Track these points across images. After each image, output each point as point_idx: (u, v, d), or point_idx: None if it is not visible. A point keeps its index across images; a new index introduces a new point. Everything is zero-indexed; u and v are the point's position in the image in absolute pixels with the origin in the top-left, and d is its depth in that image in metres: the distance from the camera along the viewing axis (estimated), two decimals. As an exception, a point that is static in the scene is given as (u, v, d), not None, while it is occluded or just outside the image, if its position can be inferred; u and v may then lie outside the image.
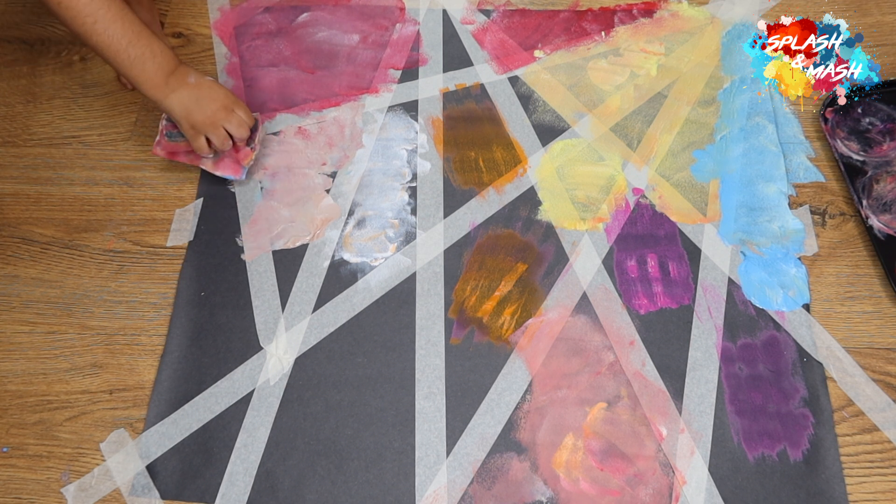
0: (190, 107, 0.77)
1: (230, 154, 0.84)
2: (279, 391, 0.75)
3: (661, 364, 0.75)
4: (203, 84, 0.79)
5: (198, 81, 0.78)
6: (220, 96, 0.79)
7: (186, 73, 0.78)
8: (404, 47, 0.98)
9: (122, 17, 0.73)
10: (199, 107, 0.78)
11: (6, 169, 0.90)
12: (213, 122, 0.79)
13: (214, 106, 0.78)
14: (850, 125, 0.87)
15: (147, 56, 0.74)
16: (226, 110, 0.79)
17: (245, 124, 0.81)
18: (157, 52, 0.75)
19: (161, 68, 0.76)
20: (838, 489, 0.68)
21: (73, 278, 0.82)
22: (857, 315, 0.77)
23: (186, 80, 0.78)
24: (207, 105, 0.78)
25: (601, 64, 0.95)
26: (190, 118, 0.78)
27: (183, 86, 0.77)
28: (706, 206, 0.84)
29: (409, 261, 0.82)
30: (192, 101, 0.77)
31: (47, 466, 0.72)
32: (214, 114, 0.79)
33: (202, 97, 0.78)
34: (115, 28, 0.72)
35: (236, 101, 0.81)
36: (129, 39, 0.73)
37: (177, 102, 0.77)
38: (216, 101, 0.79)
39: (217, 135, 0.80)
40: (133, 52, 0.74)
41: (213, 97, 0.79)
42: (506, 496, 0.69)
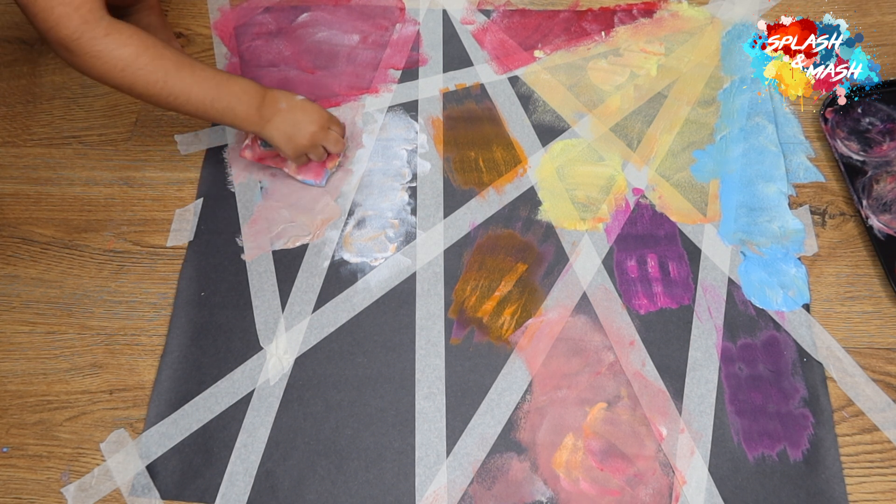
0: (289, 132, 0.77)
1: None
2: (279, 391, 0.75)
3: (661, 364, 0.75)
4: (296, 107, 0.78)
5: (290, 105, 0.78)
6: (316, 117, 0.79)
7: (276, 99, 0.77)
8: (404, 47, 0.98)
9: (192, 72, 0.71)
10: (298, 131, 0.78)
11: (6, 169, 0.90)
12: (314, 143, 0.80)
13: (313, 128, 0.78)
14: (850, 125, 0.87)
15: (233, 103, 0.74)
16: (323, 129, 0.80)
17: (341, 140, 0.82)
18: (240, 92, 0.74)
19: (250, 107, 0.75)
20: (838, 489, 0.68)
21: (73, 278, 0.82)
22: (857, 315, 0.77)
23: (278, 106, 0.77)
24: (306, 128, 0.78)
25: (601, 64, 0.95)
26: (292, 143, 0.78)
27: (277, 114, 0.77)
28: (706, 206, 0.84)
29: (409, 261, 0.82)
30: (291, 127, 0.77)
31: (47, 466, 0.72)
32: (314, 135, 0.79)
33: (299, 121, 0.78)
34: (192, 88, 0.71)
35: (330, 117, 0.82)
36: (211, 97, 0.72)
37: (275, 131, 0.77)
38: (314, 123, 0.79)
39: (317, 153, 0.82)
40: (220, 105, 0.73)
41: (309, 119, 0.78)
42: (506, 496, 0.69)
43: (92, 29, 0.66)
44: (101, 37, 0.66)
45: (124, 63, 0.67)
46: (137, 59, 0.68)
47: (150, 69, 0.68)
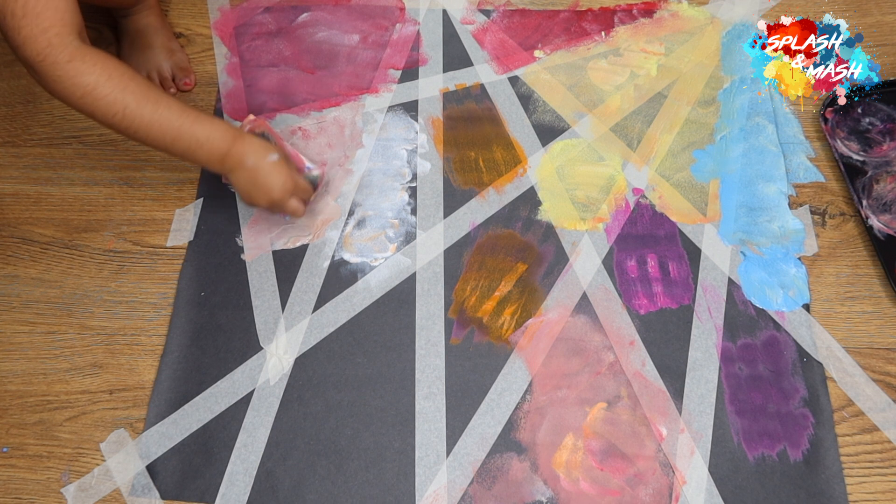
0: (249, 191, 0.75)
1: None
2: (279, 391, 0.75)
3: (661, 364, 0.75)
4: (261, 169, 0.74)
5: (256, 165, 0.74)
6: (279, 185, 0.75)
7: (243, 154, 0.74)
8: (404, 47, 0.98)
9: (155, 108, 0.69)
10: (258, 193, 0.75)
11: (6, 169, 0.90)
12: (271, 207, 0.78)
13: (274, 195, 0.75)
14: (850, 125, 0.87)
15: (194, 148, 0.71)
16: (284, 199, 0.76)
17: (301, 208, 0.79)
18: (203, 139, 0.71)
19: (212, 155, 0.73)
20: (838, 489, 0.68)
21: (73, 278, 0.82)
22: (857, 315, 0.77)
23: (244, 162, 0.74)
24: (265, 194, 0.75)
25: (601, 64, 0.95)
26: (249, 200, 0.77)
27: (240, 168, 0.74)
28: (706, 206, 0.84)
29: (409, 261, 0.82)
30: (251, 187, 0.75)
31: (47, 466, 0.72)
32: (272, 202, 0.76)
33: (260, 184, 0.75)
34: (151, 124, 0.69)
35: (295, 185, 0.77)
36: (171, 136, 0.70)
37: (236, 182, 0.75)
38: (275, 191, 0.75)
39: (274, 217, 0.82)
40: (180, 146, 0.71)
41: (272, 185, 0.75)
42: (506, 496, 0.69)
43: (56, 52, 0.64)
44: (64, 62, 0.65)
45: (83, 91, 0.66)
46: (97, 88, 0.66)
47: (109, 100, 0.67)
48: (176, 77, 0.95)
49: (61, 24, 0.65)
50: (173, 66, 0.95)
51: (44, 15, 0.64)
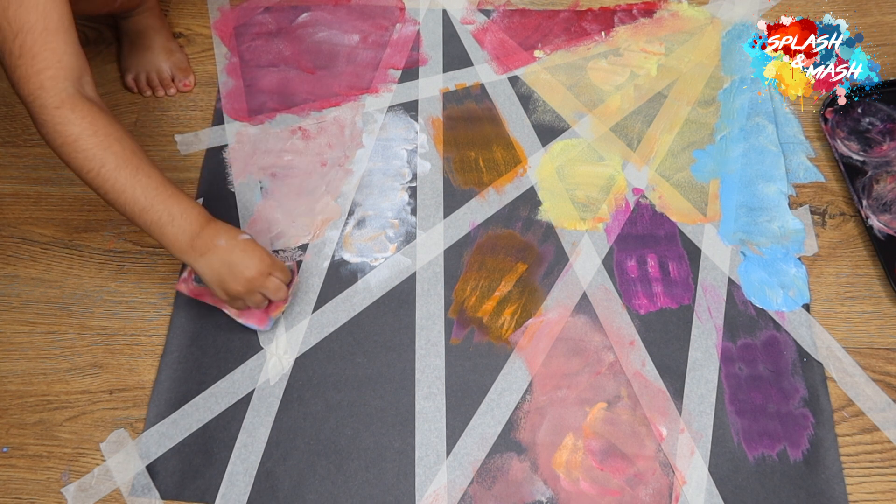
0: (223, 274, 0.69)
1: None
2: (279, 391, 0.75)
3: (661, 364, 0.75)
4: (235, 248, 0.69)
5: (229, 244, 0.69)
6: (255, 262, 0.70)
7: (215, 233, 0.69)
8: (404, 47, 0.98)
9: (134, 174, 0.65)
10: (232, 275, 0.69)
11: (6, 169, 0.90)
12: (250, 290, 0.70)
13: (250, 273, 0.69)
14: (850, 125, 0.87)
15: (164, 221, 0.66)
16: (262, 276, 0.70)
17: (283, 288, 0.73)
18: (176, 214, 0.67)
19: (182, 232, 0.67)
20: (838, 489, 0.68)
21: (73, 278, 0.82)
22: (857, 315, 0.77)
23: (215, 242, 0.68)
24: (241, 273, 0.69)
25: (601, 64, 0.95)
26: (224, 286, 0.69)
27: (211, 250, 0.68)
28: (706, 206, 0.84)
29: (409, 261, 0.82)
30: (225, 269, 0.69)
31: (47, 466, 0.72)
32: (250, 282, 0.70)
33: (235, 264, 0.69)
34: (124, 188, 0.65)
35: (273, 262, 0.72)
36: (141, 205, 0.65)
37: (207, 268, 0.69)
38: (251, 269, 0.69)
39: (254, 300, 0.72)
40: (148, 217, 0.66)
41: (247, 264, 0.69)
42: (506, 496, 0.69)
43: (46, 96, 0.63)
44: (51, 107, 0.63)
45: (63, 140, 0.63)
46: (77, 141, 0.63)
47: (87, 155, 0.64)
48: (175, 77, 0.95)
49: (57, 68, 0.63)
50: (172, 66, 0.95)
51: (39, 56, 0.62)
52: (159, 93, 0.95)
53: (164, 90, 0.95)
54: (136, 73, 0.95)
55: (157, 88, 0.95)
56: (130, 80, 0.95)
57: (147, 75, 0.94)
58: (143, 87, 0.95)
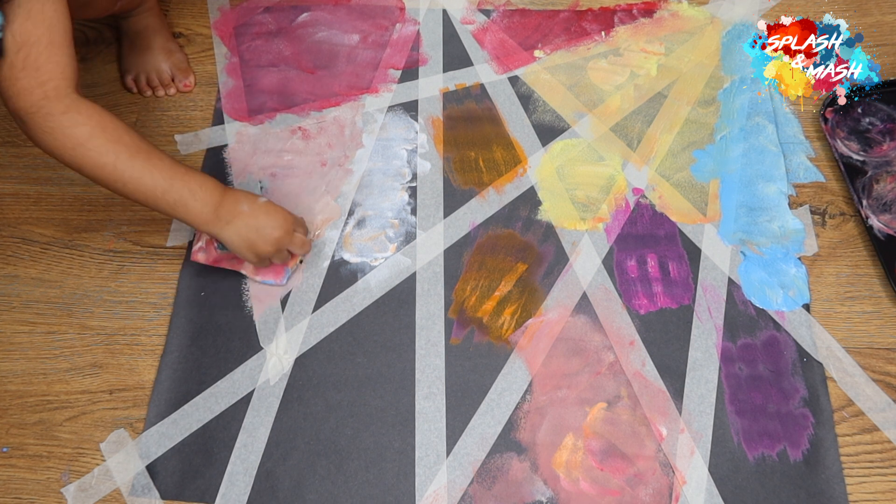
0: (251, 238, 0.72)
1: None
2: (279, 391, 0.75)
3: (661, 364, 0.75)
4: (259, 210, 0.73)
5: (252, 208, 0.72)
6: (280, 221, 0.74)
7: (236, 200, 0.72)
8: (404, 47, 0.98)
9: (147, 160, 0.67)
10: (261, 237, 0.72)
11: (6, 169, 0.90)
12: (279, 248, 0.74)
13: (278, 233, 0.73)
14: (850, 125, 0.87)
15: (186, 197, 0.69)
16: (288, 233, 0.74)
17: (307, 242, 0.78)
18: (196, 188, 0.69)
19: (206, 204, 0.70)
20: (838, 489, 0.68)
21: (73, 278, 0.82)
22: (857, 315, 0.77)
23: (239, 209, 0.71)
24: (270, 233, 0.73)
25: (601, 64, 0.95)
26: (253, 248, 0.73)
27: (237, 216, 0.71)
28: (706, 206, 0.84)
29: (409, 261, 0.82)
30: (253, 232, 0.72)
31: (47, 466, 0.72)
32: (279, 241, 0.73)
33: (262, 226, 0.72)
34: (142, 175, 0.67)
35: (294, 219, 0.76)
36: (162, 188, 0.68)
37: (235, 235, 0.72)
38: (278, 228, 0.73)
39: (281, 257, 0.77)
40: (171, 197, 0.68)
41: (273, 224, 0.73)
42: (506, 496, 0.69)
43: (51, 104, 0.63)
44: (58, 114, 0.64)
45: (75, 142, 0.64)
46: (89, 140, 0.65)
47: (101, 151, 0.65)
48: (175, 77, 0.95)
49: (60, 78, 0.64)
50: (172, 66, 0.95)
51: (44, 68, 0.63)
52: (159, 93, 0.95)
53: (164, 90, 0.95)
54: (136, 73, 0.95)
55: (157, 88, 0.95)
56: (130, 80, 0.95)
57: (147, 75, 0.94)
58: (142, 87, 0.95)
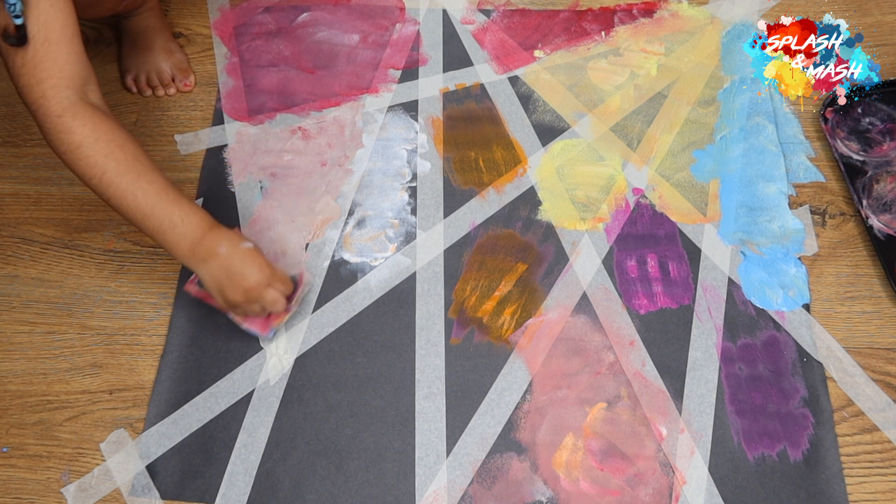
0: (221, 282, 0.69)
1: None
2: (279, 391, 0.75)
3: (661, 364, 0.75)
4: (235, 256, 0.69)
5: (229, 252, 0.68)
6: (255, 272, 0.69)
7: (216, 240, 0.68)
8: (404, 47, 0.98)
9: (136, 179, 0.66)
10: (231, 284, 0.69)
11: (6, 169, 0.90)
12: (248, 300, 0.70)
13: (248, 283, 0.69)
14: (850, 125, 0.87)
15: (166, 228, 0.67)
16: (260, 287, 0.69)
17: (280, 300, 0.72)
18: (178, 220, 0.67)
19: (184, 238, 0.67)
20: (838, 489, 0.68)
21: (73, 278, 0.82)
22: (857, 315, 0.77)
23: (216, 249, 0.68)
24: (240, 283, 0.69)
25: (601, 64, 0.95)
26: (222, 293, 0.69)
27: (212, 257, 0.68)
28: (706, 206, 0.84)
29: (409, 261, 0.82)
30: (224, 277, 0.68)
31: (47, 466, 0.72)
32: (248, 292, 0.69)
33: (234, 273, 0.68)
34: (126, 195, 0.66)
35: (273, 273, 0.71)
36: (143, 212, 0.66)
37: (207, 275, 0.69)
38: (250, 279, 0.69)
39: (253, 310, 0.71)
40: (151, 223, 0.67)
41: (246, 273, 0.69)
42: (506, 496, 0.69)
43: (48, 105, 0.63)
44: (53, 116, 0.63)
45: (66, 147, 0.64)
46: (80, 148, 0.64)
47: (89, 162, 0.65)
48: (176, 77, 0.95)
49: (59, 77, 0.64)
50: (173, 66, 0.95)
51: (42, 66, 0.63)
52: (159, 93, 0.95)
53: (165, 90, 0.95)
54: (137, 73, 0.95)
55: (157, 88, 0.95)
56: (130, 80, 0.95)
57: (147, 75, 0.94)
58: (143, 87, 0.95)
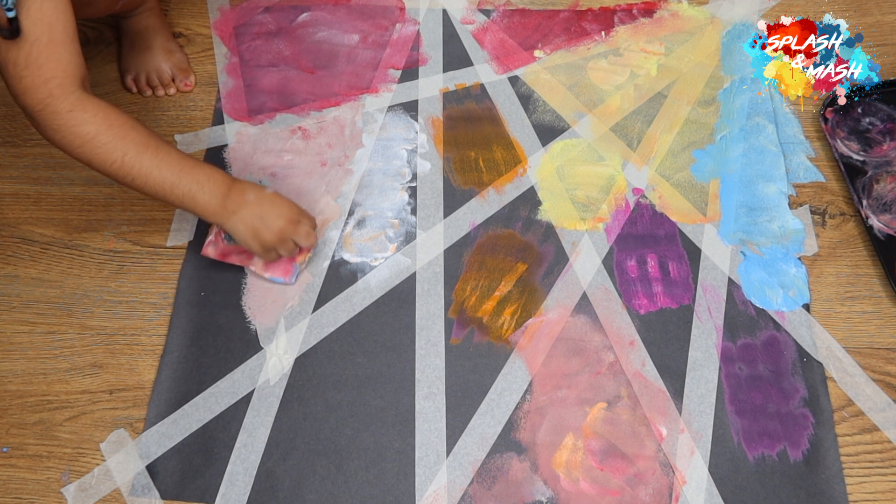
0: (256, 226, 0.72)
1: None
2: (279, 391, 0.75)
3: (661, 364, 0.75)
4: (264, 200, 0.74)
5: (258, 198, 0.73)
6: (285, 210, 0.74)
7: (242, 190, 0.73)
8: (404, 47, 0.98)
9: (155, 154, 0.68)
10: (265, 226, 0.73)
11: (6, 169, 0.90)
12: (282, 238, 0.74)
13: (281, 222, 0.73)
14: (850, 125, 0.87)
15: (195, 190, 0.70)
16: (292, 223, 0.74)
17: (312, 234, 0.77)
18: (204, 180, 0.70)
19: (213, 196, 0.71)
20: (838, 489, 0.68)
21: (73, 278, 0.82)
22: (857, 315, 0.77)
23: (245, 198, 0.72)
24: (274, 222, 0.73)
25: (601, 64, 0.95)
26: (258, 238, 0.73)
27: (243, 206, 0.72)
28: (706, 206, 0.84)
29: (409, 261, 0.82)
30: (258, 221, 0.72)
31: (47, 466, 0.72)
32: (282, 230, 0.74)
33: (266, 214, 0.73)
34: (151, 171, 0.68)
35: (300, 210, 0.76)
36: (171, 182, 0.69)
37: (241, 224, 0.72)
38: (282, 217, 0.74)
39: (286, 248, 0.76)
40: (179, 191, 0.69)
41: (277, 213, 0.73)
42: (506, 496, 0.69)
43: (56, 102, 0.64)
44: (65, 112, 0.64)
45: (82, 140, 0.65)
46: (96, 137, 0.65)
47: (108, 148, 0.66)
48: (176, 78, 0.95)
49: (64, 75, 0.64)
50: (173, 66, 0.95)
51: (46, 66, 0.63)
52: (159, 93, 0.95)
53: (164, 90, 0.95)
54: (137, 73, 0.95)
55: (157, 88, 0.95)
56: (130, 80, 0.95)
57: (147, 75, 0.94)
58: (142, 87, 0.95)
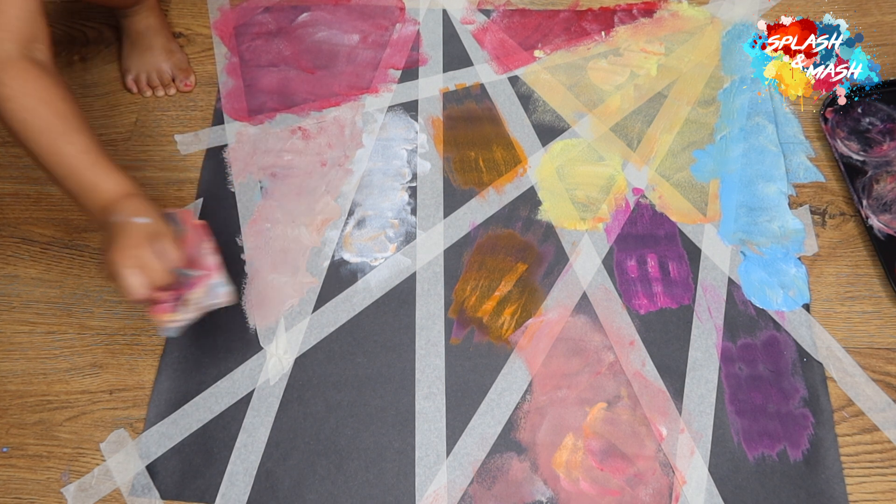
0: (103, 248, 0.62)
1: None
2: (279, 391, 0.75)
3: (661, 364, 0.75)
4: (116, 226, 0.61)
5: (116, 221, 0.61)
6: (119, 244, 0.60)
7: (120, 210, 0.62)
8: (404, 47, 0.98)
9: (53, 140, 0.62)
10: (105, 251, 0.61)
11: (6, 169, 0.90)
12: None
13: (107, 255, 0.61)
14: (850, 125, 0.87)
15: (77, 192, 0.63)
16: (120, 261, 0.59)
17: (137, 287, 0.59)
18: (90, 187, 0.63)
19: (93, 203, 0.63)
20: (838, 489, 0.68)
21: (73, 278, 0.82)
22: (857, 315, 0.77)
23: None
24: (107, 254, 0.61)
25: (601, 64, 0.95)
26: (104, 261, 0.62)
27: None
28: (706, 206, 0.84)
29: (409, 261, 0.82)
30: (104, 243, 0.62)
31: (47, 466, 0.72)
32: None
33: (105, 242, 0.62)
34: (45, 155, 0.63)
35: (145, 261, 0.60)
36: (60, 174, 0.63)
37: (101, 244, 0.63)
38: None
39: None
40: (65, 185, 0.64)
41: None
42: (506, 496, 0.69)
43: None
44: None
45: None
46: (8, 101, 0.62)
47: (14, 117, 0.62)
48: (176, 78, 0.95)
49: (1, 30, 0.62)
50: (173, 66, 0.95)
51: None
52: (159, 93, 0.95)
53: (165, 90, 0.95)
54: (137, 73, 0.95)
55: (157, 88, 0.95)
56: (131, 80, 0.95)
57: (147, 75, 0.94)
58: (143, 87, 0.95)
